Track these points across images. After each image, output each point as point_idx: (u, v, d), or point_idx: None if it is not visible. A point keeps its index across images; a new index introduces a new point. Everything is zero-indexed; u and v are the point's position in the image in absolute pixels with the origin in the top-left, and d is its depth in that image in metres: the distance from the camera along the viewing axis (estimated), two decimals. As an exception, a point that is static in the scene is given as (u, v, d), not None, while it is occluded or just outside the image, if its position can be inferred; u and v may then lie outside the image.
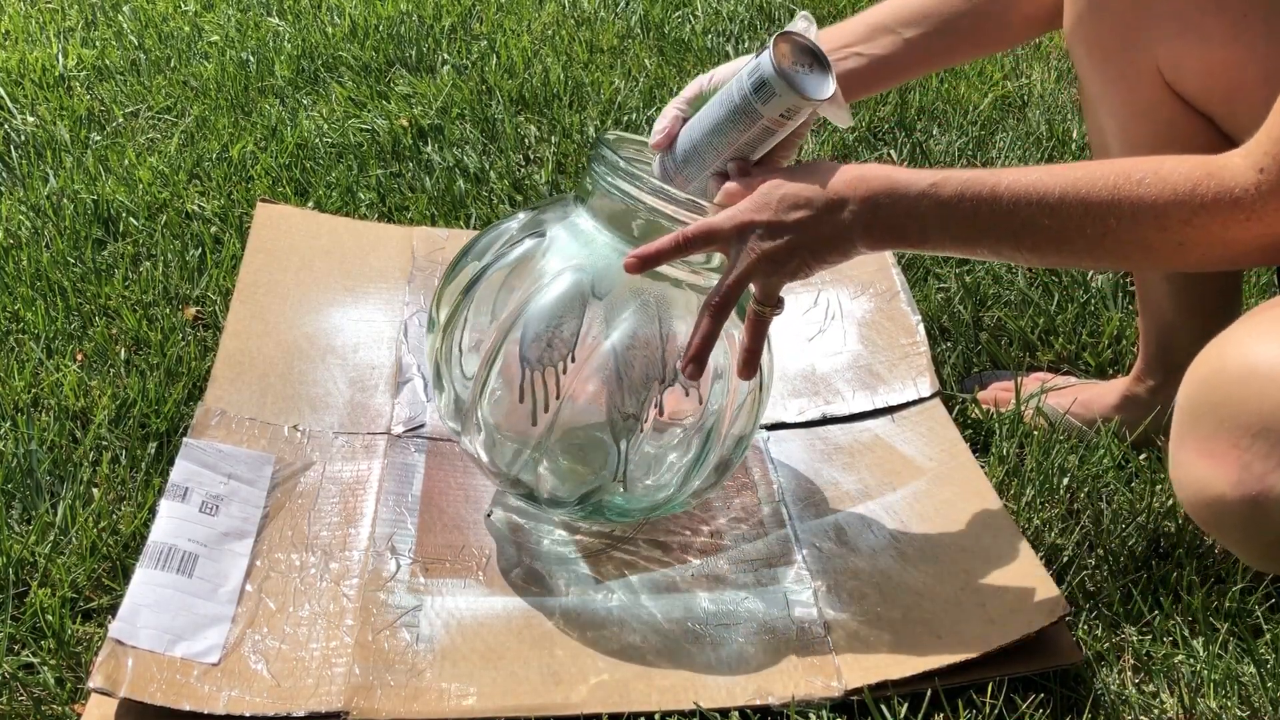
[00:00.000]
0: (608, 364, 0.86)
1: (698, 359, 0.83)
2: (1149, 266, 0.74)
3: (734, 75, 0.86)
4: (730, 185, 0.84)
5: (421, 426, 1.07)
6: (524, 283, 0.88)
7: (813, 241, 0.79)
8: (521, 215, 0.94)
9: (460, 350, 0.89)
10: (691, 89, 0.93)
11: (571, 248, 0.88)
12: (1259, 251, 0.70)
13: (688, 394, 0.88)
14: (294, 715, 0.79)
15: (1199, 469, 0.65)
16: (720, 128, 0.85)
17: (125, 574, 0.90)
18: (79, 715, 0.80)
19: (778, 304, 0.83)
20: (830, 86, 0.83)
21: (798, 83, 0.81)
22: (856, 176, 0.78)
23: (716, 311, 0.82)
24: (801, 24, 0.87)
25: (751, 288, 0.83)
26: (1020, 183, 0.74)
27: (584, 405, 0.87)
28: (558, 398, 0.86)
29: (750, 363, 0.85)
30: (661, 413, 0.87)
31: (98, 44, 1.92)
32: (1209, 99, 0.88)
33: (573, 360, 0.86)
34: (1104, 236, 0.72)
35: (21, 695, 0.81)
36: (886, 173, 0.78)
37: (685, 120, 0.90)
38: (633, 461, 0.88)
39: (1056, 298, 1.29)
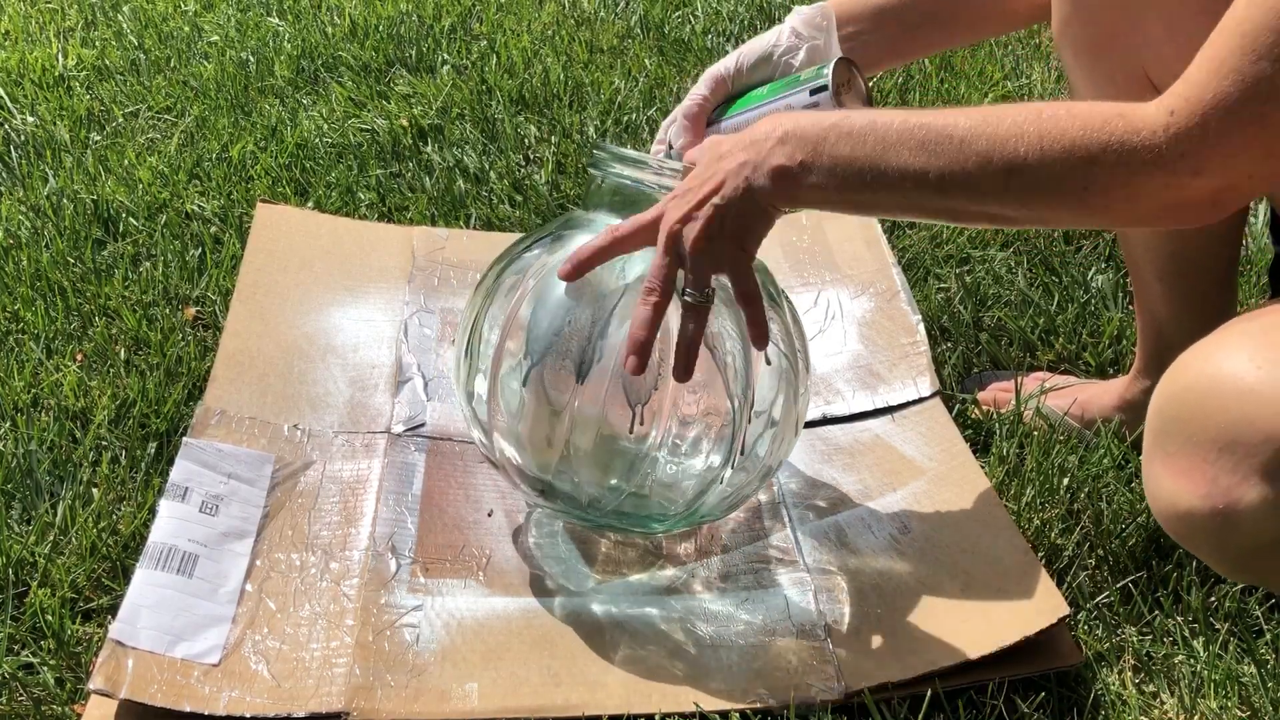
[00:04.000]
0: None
1: (637, 352, 0.79)
2: (1055, 217, 0.73)
3: (772, 64, 0.86)
4: (683, 145, 0.84)
5: (422, 425, 1.07)
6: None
7: (721, 197, 0.76)
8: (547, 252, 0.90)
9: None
10: (712, 81, 0.91)
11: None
12: (1165, 211, 0.67)
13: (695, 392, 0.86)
14: (295, 716, 0.79)
15: (1169, 484, 0.65)
16: None
17: (125, 574, 0.90)
18: (79, 715, 0.80)
19: (704, 292, 0.79)
20: None
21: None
22: (768, 125, 0.76)
23: (645, 296, 0.78)
24: (818, 18, 0.87)
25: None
26: (929, 114, 0.72)
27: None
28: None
29: (682, 361, 0.80)
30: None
31: (98, 44, 1.92)
32: None
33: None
34: (1010, 174, 0.69)
35: (21, 695, 0.81)
36: (796, 114, 0.76)
37: (716, 105, 0.89)
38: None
39: (1056, 298, 1.29)
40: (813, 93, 0.83)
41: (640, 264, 0.84)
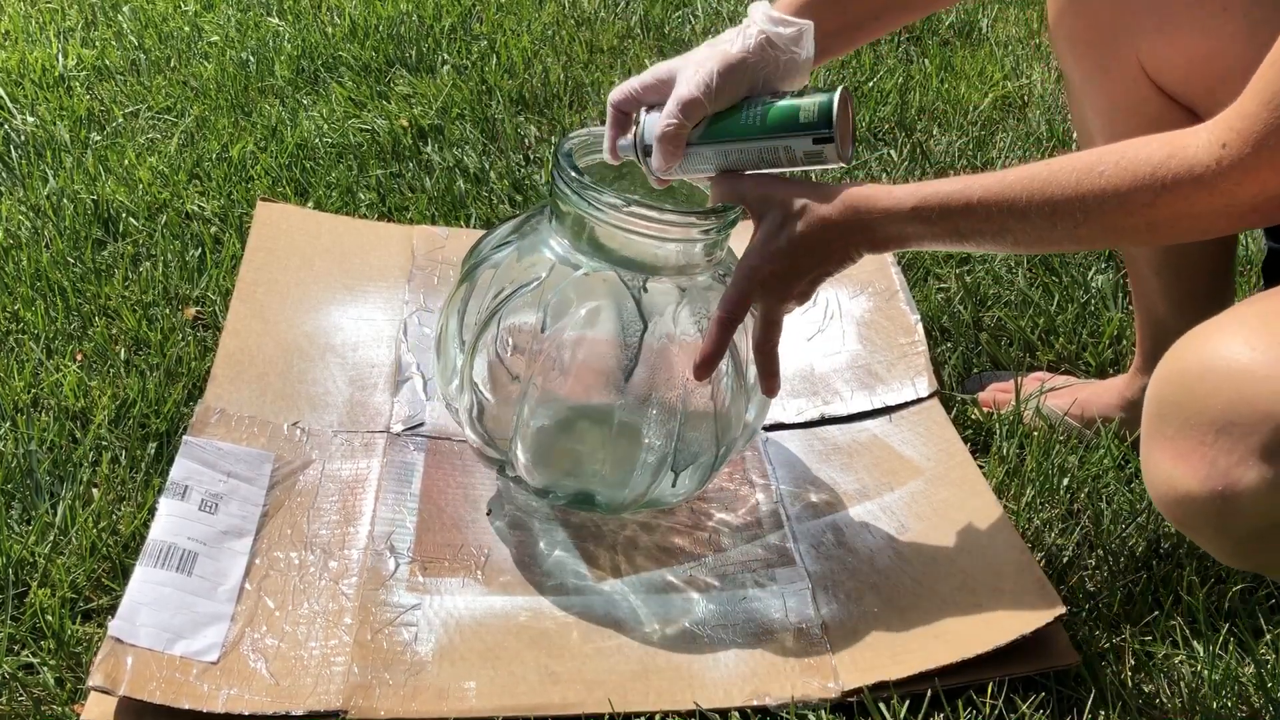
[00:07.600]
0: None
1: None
2: (1128, 245, 0.79)
3: (750, 86, 0.85)
4: (661, 168, 0.87)
5: (421, 425, 1.07)
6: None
7: (823, 268, 0.84)
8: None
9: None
10: (689, 106, 0.86)
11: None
12: (1225, 219, 0.71)
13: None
14: (293, 714, 0.79)
15: (1167, 468, 0.65)
16: (749, 160, 0.85)
17: (125, 574, 0.90)
18: (79, 715, 0.80)
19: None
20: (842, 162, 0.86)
21: (836, 155, 0.84)
22: (843, 210, 0.81)
23: (764, 347, 0.88)
24: (787, 25, 0.85)
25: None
26: (991, 192, 0.76)
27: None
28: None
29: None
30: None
31: (98, 44, 1.92)
32: (1190, 92, 0.88)
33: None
34: (1075, 229, 0.74)
35: (21, 695, 0.81)
36: (869, 200, 0.80)
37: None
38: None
39: (1056, 298, 1.29)
40: (816, 141, 0.83)
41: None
